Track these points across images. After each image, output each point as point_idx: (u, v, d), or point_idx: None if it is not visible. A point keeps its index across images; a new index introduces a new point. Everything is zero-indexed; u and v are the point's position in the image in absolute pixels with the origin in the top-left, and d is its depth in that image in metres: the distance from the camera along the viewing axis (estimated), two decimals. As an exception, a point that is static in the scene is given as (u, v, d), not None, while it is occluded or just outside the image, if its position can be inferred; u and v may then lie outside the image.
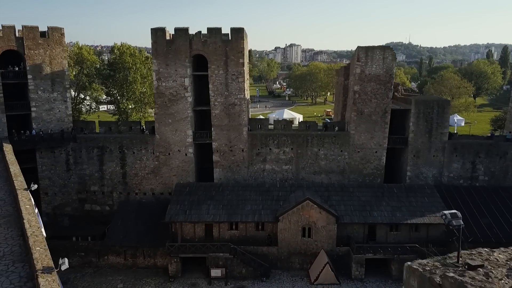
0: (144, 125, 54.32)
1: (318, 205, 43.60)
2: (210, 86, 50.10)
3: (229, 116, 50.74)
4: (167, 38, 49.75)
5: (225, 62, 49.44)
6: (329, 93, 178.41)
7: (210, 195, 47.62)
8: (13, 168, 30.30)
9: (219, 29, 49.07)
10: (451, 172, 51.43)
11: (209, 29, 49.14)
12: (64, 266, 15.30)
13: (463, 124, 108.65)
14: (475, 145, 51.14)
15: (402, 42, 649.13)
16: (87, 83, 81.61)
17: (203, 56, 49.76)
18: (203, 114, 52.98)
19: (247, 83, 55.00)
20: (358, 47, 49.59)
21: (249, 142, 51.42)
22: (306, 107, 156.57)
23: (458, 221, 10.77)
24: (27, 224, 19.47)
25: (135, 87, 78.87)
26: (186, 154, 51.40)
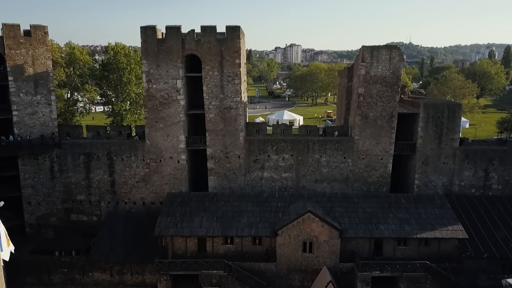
0: (135, 130, 50.35)
1: (320, 218, 39.62)
2: (204, 88, 46.12)
3: (224, 120, 46.75)
4: (158, 37, 45.81)
5: (220, 63, 45.45)
6: (329, 94, 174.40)
7: (204, 206, 43.65)
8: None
9: (213, 27, 45.06)
10: (462, 180, 47.38)
11: (203, 28, 45.13)
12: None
13: (468, 126, 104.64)
14: (488, 151, 47.06)
15: (403, 42, 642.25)
16: (79, 84, 77.80)
17: (196, 57, 45.75)
18: (197, 119, 48.98)
19: (244, 85, 51.06)
20: (363, 46, 45.56)
21: (246, 148, 47.42)
22: (306, 108, 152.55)
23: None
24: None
25: (130, 88, 74.98)
26: (178, 161, 47.43)
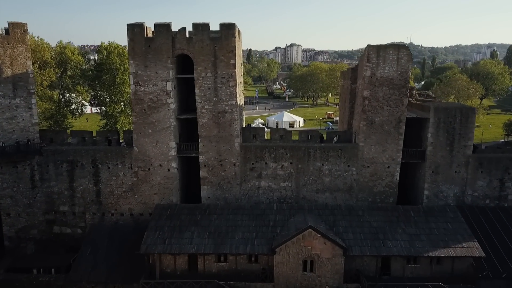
0: (122, 136, 46.30)
1: (322, 235, 35.55)
2: (197, 91, 42.06)
3: (218, 125, 42.70)
4: (147, 35, 41.81)
5: (213, 63, 41.40)
6: (330, 94, 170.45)
7: (195, 219, 39.58)
8: None
9: (206, 25, 41.00)
10: (475, 190, 43.26)
11: (195, 25, 41.06)
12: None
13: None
14: (504, 159, 42.91)
15: (403, 42, 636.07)
16: (70, 85, 73.82)
17: (188, 57, 41.71)
18: (188, 123, 44.96)
19: (241, 87, 47.02)
20: (368, 46, 41.45)
21: (241, 156, 43.39)
22: (306, 109, 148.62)
23: None
24: None
25: (123, 89, 71.07)
26: (169, 170, 43.41)
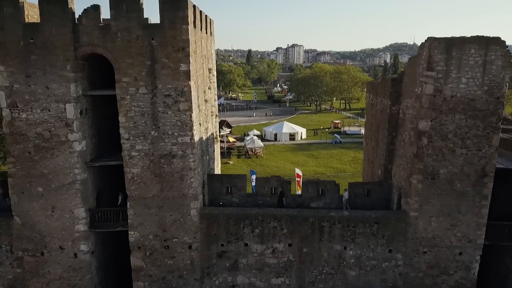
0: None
1: None
2: (121, 119, 23.33)
3: (161, 179, 23.97)
4: (28, 19, 23.18)
5: (150, 71, 22.65)
6: (334, 99, 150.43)
7: None
8: None
9: (135, 2, 22.22)
10: None
11: (114, 2, 22.22)
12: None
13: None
14: None
15: (407, 43, 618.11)
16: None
17: (105, 59, 23.00)
18: (110, 175, 26.30)
19: (207, 109, 28.32)
20: (430, 38, 22.42)
21: (203, 231, 24.67)
22: (309, 116, 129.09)
23: None
24: None
25: None
26: (76, 255, 24.64)
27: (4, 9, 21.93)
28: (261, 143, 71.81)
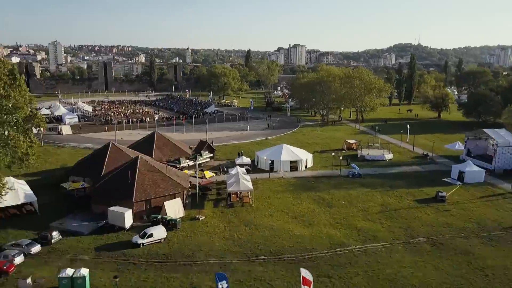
0: None
1: None
2: None
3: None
4: None
5: None
6: (343, 107, 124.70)
7: None
8: None
9: None
10: None
11: None
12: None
13: None
14: None
15: (411, 44, 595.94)
16: None
17: None
18: None
19: None
20: None
21: None
22: (315, 129, 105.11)
23: None
24: None
25: None
26: None
27: None
28: (249, 184, 48.99)
